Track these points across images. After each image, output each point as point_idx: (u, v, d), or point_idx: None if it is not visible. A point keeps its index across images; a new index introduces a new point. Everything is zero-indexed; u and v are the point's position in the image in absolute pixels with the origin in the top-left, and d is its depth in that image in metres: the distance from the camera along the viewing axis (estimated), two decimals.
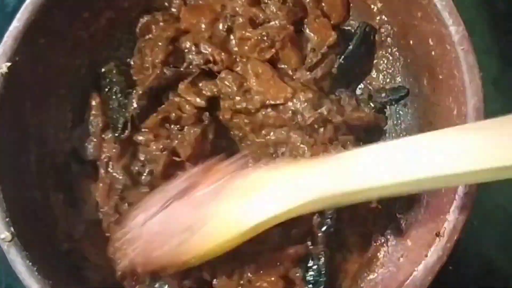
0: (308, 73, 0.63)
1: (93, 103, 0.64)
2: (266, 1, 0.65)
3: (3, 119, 0.55)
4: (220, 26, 0.64)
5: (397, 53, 0.66)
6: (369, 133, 0.64)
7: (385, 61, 0.67)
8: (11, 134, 0.56)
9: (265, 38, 0.62)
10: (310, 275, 0.58)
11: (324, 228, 0.58)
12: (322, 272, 0.58)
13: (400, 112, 0.66)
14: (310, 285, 0.58)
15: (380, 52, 0.67)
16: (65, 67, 0.63)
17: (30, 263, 0.51)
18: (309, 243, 0.59)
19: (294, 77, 0.63)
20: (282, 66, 0.64)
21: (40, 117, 0.60)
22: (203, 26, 0.65)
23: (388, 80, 0.67)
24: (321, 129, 0.60)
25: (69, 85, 0.64)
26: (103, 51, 0.66)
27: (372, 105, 0.64)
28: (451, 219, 0.50)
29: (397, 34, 0.65)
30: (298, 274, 0.59)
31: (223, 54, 0.62)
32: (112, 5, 0.65)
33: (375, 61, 0.67)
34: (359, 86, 0.67)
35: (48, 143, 0.62)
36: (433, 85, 0.59)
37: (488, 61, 0.79)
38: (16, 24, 0.56)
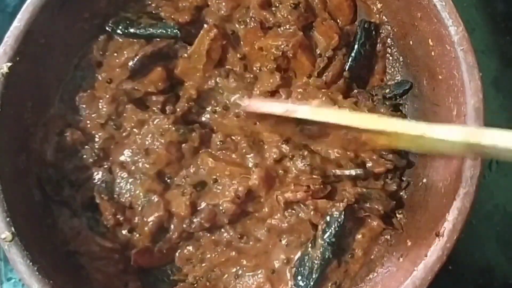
0: (319, 78, 0.64)
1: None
2: (277, 5, 0.65)
3: (3, 119, 0.55)
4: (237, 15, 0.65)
5: (397, 53, 0.66)
6: None
7: (385, 61, 0.67)
8: (11, 134, 0.56)
9: (274, 51, 0.63)
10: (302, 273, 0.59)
11: (326, 235, 0.59)
12: (314, 276, 0.59)
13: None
14: (299, 277, 0.59)
15: (380, 52, 0.67)
16: (65, 66, 0.63)
17: (31, 263, 0.51)
18: (309, 244, 0.59)
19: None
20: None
21: (40, 117, 0.60)
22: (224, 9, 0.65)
23: (388, 80, 0.67)
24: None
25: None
26: None
27: (388, 104, 0.65)
28: (451, 219, 0.50)
29: (397, 34, 0.65)
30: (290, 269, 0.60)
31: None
32: None
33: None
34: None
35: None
36: (433, 85, 0.59)
37: (488, 61, 0.79)
38: (17, 24, 0.56)
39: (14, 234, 0.51)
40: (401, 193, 0.63)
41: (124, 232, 0.60)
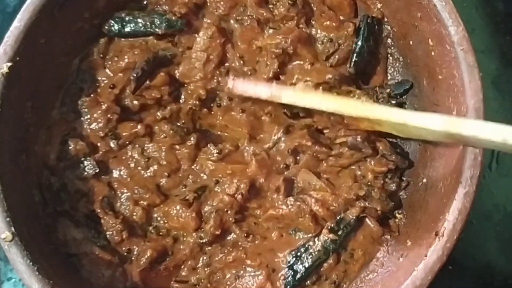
0: (326, 62, 0.64)
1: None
2: (275, 3, 0.65)
3: (3, 119, 0.55)
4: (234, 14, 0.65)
5: (397, 53, 0.66)
6: None
7: (386, 61, 0.67)
8: (11, 134, 0.56)
9: (274, 50, 0.63)
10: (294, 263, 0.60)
11: (332, 233, 0.59)
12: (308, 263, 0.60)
13: None
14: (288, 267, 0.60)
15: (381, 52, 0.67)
16: (66, 67, 0.63)
17: (31, 263, 0.51)
18: (313, 238, 0.60)
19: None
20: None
21: (41, 118, 0.60)
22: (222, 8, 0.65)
23: (388, 80, 0.67)
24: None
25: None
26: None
27: (393, 102, 0.64)
28: (451, 219, 0.50)
29: (397, 34, 0.65)
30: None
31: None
32: None
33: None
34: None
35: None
36: (433, 85, 0.59)
37: (488, 61, 0.79)
38: (17, 24, 0.56)
39: (14, 234, 0.52)
40: (400, 193, 0.63)
41: (124, 248, 0.60)
